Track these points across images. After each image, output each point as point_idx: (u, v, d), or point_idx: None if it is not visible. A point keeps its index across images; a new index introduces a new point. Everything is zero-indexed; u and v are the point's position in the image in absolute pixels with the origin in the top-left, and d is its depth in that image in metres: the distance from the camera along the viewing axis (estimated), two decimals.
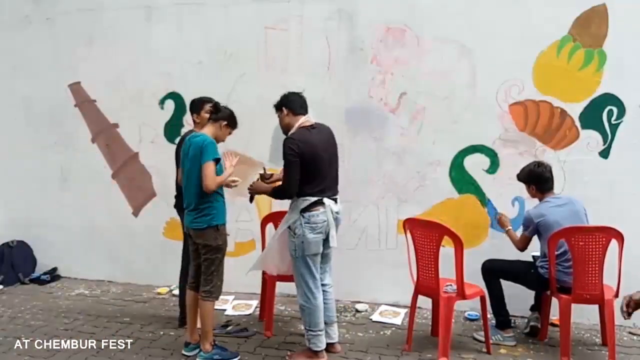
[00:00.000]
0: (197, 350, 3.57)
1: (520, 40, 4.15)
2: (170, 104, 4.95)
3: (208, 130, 3.50)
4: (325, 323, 3.47)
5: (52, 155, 5.28)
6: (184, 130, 4.89)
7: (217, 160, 3.39)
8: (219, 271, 3.53)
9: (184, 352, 3.63)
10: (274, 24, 4.65)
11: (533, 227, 3.66)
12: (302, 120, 3.38)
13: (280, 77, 4.64)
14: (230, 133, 3.61)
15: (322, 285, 3.47)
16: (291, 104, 3.42)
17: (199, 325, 3.60)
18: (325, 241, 3.39)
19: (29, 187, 5.31)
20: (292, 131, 3.38)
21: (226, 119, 3.55)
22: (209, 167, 3.33)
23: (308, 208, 3.30)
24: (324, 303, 3.45)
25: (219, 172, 3.42)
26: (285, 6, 4.61)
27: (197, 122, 3.87)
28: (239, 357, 3.57)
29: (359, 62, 4.50)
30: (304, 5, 4.57)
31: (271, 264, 3.72)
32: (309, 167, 3.29)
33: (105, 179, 5.15)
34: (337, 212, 3.39)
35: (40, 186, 5.31)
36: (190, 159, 3.41)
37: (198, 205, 3.42)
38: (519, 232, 3.85)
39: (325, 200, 3.33)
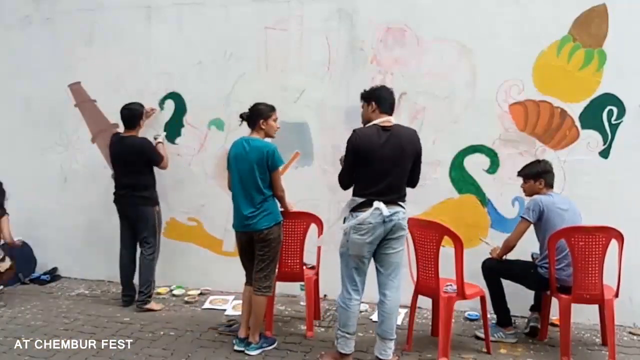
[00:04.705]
0: (266, 345, 3.69)
1: (520, 40, 4.16)
2: (170, 104, 4.95)
3: (259, 137, 3.62)
4: (379, 336, 3.33)
5: (52, 155, 5.28)
6: (184, 130, 4.92)
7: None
8: (276, 268, 3.71)
9: (237, 347, 3.65)
10: (274, 24, 4.65)
11: (538, 212, 3.62)
12: (382, 120, 3.27)
13: (280, 77, 4.65)
14: (275, 120, 3.68)
15: (382, 294, 3.32)
16: (381, 101, 3.31)
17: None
18: (382, 245, 3.27)
19: (29, 187, 5.30)
20: (363, 126, 3.35)
21: (261, 116, 3.60)
22: (279, 174, 3.60)
23: (356, 208, 3.25)
24: (380, 315, 3.32)
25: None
26: (285, 6, 4.61)
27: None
28: (276, 342, 3.77)
29: (359, 62, 4.50)
30: (304, 5, 4.58)
31: None
32: (362, 166, 3.24)
33: (105, 179, 5.14)
34: (387, 216, 3.17)
35: (40, 186, 5.31)
36: (251, 163, 3.51)
37: (260, 207, 3.54)
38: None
39: (376, 202, 3.18)
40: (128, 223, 4.50)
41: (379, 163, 3.20)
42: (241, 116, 3.68)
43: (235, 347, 3.65)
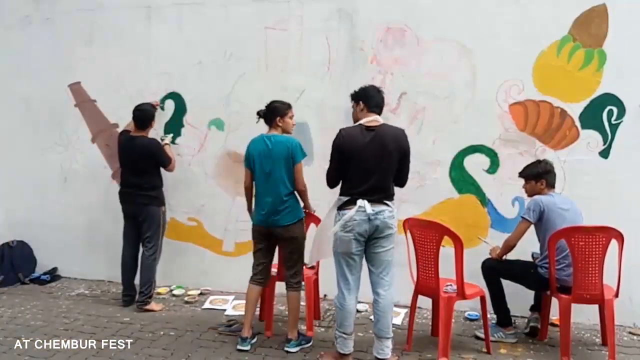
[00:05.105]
0: (253, 341, 3.68)
1: (520, 40, 4.16)
2: (170, 104, 4.95)
3: (278, 133, 3.64)
4: (376, 335, 3.33)
5: (52, 155, 5.28)
6: (184, 130, 4.92)
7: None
8: (303, 262, 3.74)
9: (240, 347, 3.64)
10: (274, 24, 4.66)
11: (538, 212, 3.62)
12: (369, 119, 3.29)
13: (280, 77, 4.65)
14: (292, 117, 3.72)
15: (375, 293, 3.34)
16: (368, 100, 3.35)
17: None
18: (371, 244, 3.30)
19: (29, 187, 5.31)
20: (349, 125, 3.39)
21: (278, 113, 3.64)
22: (302, 167, 3.61)
23: (342, 207, 3.31)
24: (375, 314, 3.34)
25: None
26: (285, 6, 4.61)
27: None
28: (312, 340, 3.77)
29: (359, 62, 4.50)
30: (304, 5, 4.58)
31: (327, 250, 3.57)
32: (346, 166, 3.28)
33: (105, 179, 5.15)
34: (371, 214, 3.19)
35: (40, 186, 5.31)
36: (276, 158, 3.55)
37: (286, 202, 3.58)
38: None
39: (359, 201, 3.21)
40: (133, 222, 4.49)
41: (364, 162, 3.24)
42: (258, 113, 3.71)
43: (238, 347, 3.64)
